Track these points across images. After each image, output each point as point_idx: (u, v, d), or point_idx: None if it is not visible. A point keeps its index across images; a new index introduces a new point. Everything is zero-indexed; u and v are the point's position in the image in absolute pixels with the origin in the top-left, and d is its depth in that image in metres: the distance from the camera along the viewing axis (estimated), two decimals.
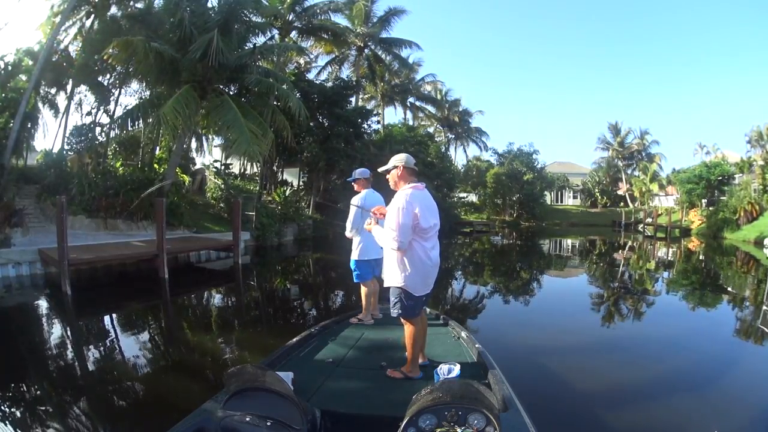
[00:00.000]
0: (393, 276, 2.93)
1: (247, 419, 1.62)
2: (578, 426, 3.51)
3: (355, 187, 4.46)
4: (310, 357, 3.31)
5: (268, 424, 1.64)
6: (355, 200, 4.31)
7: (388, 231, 2.83)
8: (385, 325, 4.13)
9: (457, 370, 2.81)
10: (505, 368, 2.98)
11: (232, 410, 1.69)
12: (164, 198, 11.07)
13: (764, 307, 7.34)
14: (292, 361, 3.16)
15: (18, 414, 3.57)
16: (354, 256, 4.40)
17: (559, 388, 4.20)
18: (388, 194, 3.85)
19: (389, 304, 3.25)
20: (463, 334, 3.72)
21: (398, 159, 3.02)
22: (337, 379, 2.93)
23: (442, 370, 2.83)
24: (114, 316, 7.03)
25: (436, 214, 2.99)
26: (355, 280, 4.43)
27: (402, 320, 3.03)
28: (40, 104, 20.61)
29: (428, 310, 4.03)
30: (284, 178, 24.45)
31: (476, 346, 3.34)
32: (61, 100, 20.57)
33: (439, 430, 1.54)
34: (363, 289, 4.38)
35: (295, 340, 3.52)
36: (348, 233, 4.43)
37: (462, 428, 1.52)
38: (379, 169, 3.15)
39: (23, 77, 18.40)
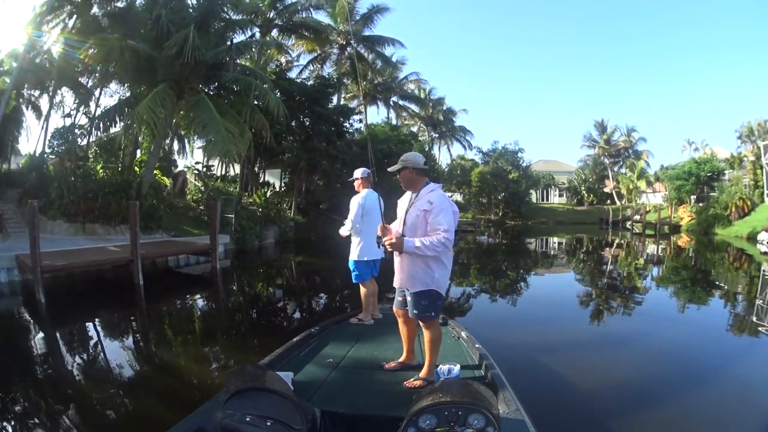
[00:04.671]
0: (429, 279, 2.73)
1: (247, 419, 1.60)
2: (579, 425, 3.50)
3: (356, 186, 4.45)
4: (310, 357, 3.28)
5: (268, 424, 1.62)
6: (356, 200, 4.32)
7: (441, 234, 2.58)
8: (385, 325, 4.12)
9: (457, 370, 2.83)
10: (505, 368, 2.96)
11: (232, 410, 1.67)
12: (138, 201, 10.71)
13: (758, 302, 7.48)
14: (292, 361, 3.14)
15: None
16: (353, 256, 4.37)
17: (559, 388, 4.18)
18: (387, 195, 3.82)
19: (390, 304, 3.17)
20: (463, 333, 3.71)
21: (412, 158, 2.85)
22: (337, 379, 2.90)
23: (442, 370, 2.83)
24: (86, 325, 6.74)
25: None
26: (354, 281, 4.40)
27: (431, 324, 2.82)
28: (23, 107, 20.02)
29: None
30: (266, 179, 24.19)
31: (476, 345, 3.35)
32: (44, 102, 20.06)
33: (439, 430, 1.55)
34: (362, 290, 4.36)
35: (295, 340, 3.49)
36: (346, 230, 4.40)
37: (462, 428, 1.53)
38: (390, 169, 2.92)
39: (6, 80, 17.72)
